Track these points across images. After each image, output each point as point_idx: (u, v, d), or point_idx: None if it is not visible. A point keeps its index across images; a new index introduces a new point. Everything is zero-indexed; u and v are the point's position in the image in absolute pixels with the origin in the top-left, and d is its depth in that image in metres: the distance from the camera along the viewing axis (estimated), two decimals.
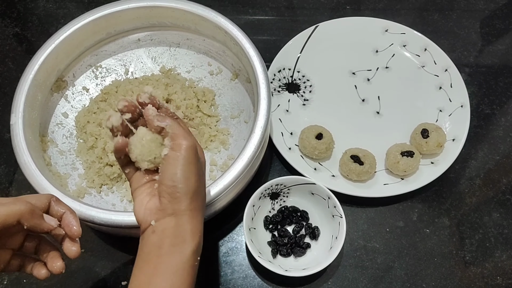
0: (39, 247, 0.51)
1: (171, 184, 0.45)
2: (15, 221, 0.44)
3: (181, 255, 0.46)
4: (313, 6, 0.94)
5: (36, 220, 0.46)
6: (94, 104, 0.75)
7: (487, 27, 0.91)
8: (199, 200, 0.48)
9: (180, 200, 0.46)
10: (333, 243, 0.66)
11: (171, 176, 0.45)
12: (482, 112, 0.82)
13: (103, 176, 0.70)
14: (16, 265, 0.50)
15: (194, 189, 0.46)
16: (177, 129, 0.46)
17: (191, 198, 0.46)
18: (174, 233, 0.46)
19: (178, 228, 0.46)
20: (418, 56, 0.84)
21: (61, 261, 0.50)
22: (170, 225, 0.46)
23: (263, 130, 0.63)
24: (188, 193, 0.46)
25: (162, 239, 0.46)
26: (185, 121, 0.72)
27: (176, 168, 0.45)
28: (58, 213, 0.49)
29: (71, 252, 0.49)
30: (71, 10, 0.93)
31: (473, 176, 0.76)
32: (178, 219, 0.46)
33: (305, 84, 0.83)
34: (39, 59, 0.69)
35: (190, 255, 0.46)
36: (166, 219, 0.46)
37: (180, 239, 0.46)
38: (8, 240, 0.49)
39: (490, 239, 0.71)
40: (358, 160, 0.71)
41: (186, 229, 0.46)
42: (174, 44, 0.81)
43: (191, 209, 0.46)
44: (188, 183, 0.46)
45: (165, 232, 0.46)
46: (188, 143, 0.46)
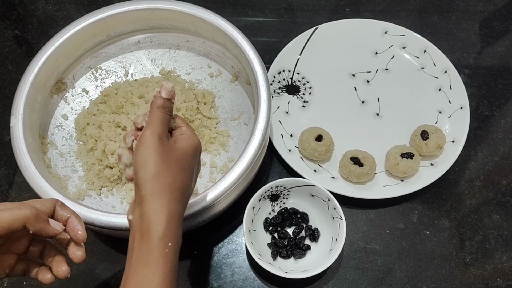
0: (44, 251, 0.51)
1: (134, 171, 0.46)
2: (20, 226, 0.44)
3: (148, 245, 0.44)
4: (313, 8, 0.94)
5: (42, 225, 0.46)
6: (94, 106, 0.75)
7: (486, 28, 0.91)
8: (161, 183, 0.46)
9: (140, 187, 0.45)
10: (333, 245, 0.66)
11: (134, 164, 0.46)
12: (482, 114, 0.82)
13: (103, 178, 0.70)
14: (21, 269, 0.50)
15: (153, 173, 0.45)
16: (150, 119, 0.48)
17: (151, 182, 0.45)
18: (140, 223, 0.45)
19: (142, 217, 0.45)
20: (417, 57, 0.84)
21: (66, 266, 0.50)
22: (137, 215, 0.46)
23: (263, 132, 0.63)
24: (146, 177, 0.45)
25: (133, 232, 0.46)
26: None
27: (136, 156, 0.46)
28: (63, 217, 0.49)
29: (77, 256, 0.49)
30: (70, 12, 0.93)
31: (473, 178, 0.76)
32: (142, 207, 0.45)
33: (304, 86, 0.83)
34: (39, 61, 0.69)
35: (156, 243, 0.44)
36: (136, 210, 0.46)
37: (146, 228, 0.44)
38: (13, 244, 0.48)
39: (490, 240, 0.71)
40: (358, 162, 0.71)
41: (149, 217, 0.45)
42: (174, 46, 0.81)
43: (152, 194, 0.45)
44: (146, 167, 0.45)
45: (135, 224, 0.46)
46: (148, 131, 0.46)
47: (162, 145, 0.46)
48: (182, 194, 0.48)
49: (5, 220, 0.43)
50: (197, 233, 0.70)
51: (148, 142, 0.46)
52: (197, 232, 0.70)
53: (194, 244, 0.70)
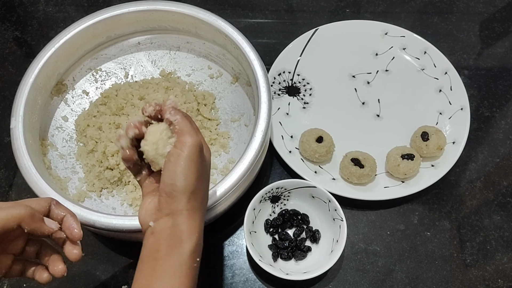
0: (40, 251, 0.51)
1: (170, 182, 0.45)
2: (15, 225, 0.44)
3: (178, 257, 0.45)
4: (313, 9, 0.94)
5: (37, 224, 0.46)
6: (94, 107, 0.75)
7: (487, 30, 0.91)
8: (197, 200, 0.47)
9: (177, 200, 0.45)
10: (334, 246, 0.66)
11: (170, 174, 0.45)
12: (482, 115, 0.82)
13: (103, 179, 0.70)
14: (18, 270, 0.50)
15: (193, 188, 0.45)
16: (184, 126, 0.46)
17: (188, 198, 0.45)
18: (170, 234, 0.45)
19: (174, 228, 0.45)
20: (417, 59, 0.84)
21: (62, 264, 0.50)
22: (167, 225, 0.45)
23: (264, 133, 0.63)
24: (185, 192, 0.45)
25: (159, 240, 0.45)
26: None
27: (176, 166, 0.45)
28: (59, 216, 0.49)
29: (73, 255, 0.49)
30: (70, 13, 0.93)
31: (473, 179, 0.76)
32: (174, 219, 0.45)
33: (305, 87, 0.83)
34: (39, 62, 0.69)
35: (188, 256, 0.45)
36: (163, 219, 0.46)
37: (176, 240, 0.45)
38: (9, 245, 0.48)
39: (491, 241, 0.71)
40: (358, 163, 0.71)
41: (182, 229, 0.45)
42: (174, 47, 0.81)
43: (188, 209, 0.45)
44: (187, 182, 0.45)
45: (162, 233, 0.45)
46: (192, 140, 0.45)
47: (202, 159, 0.46)
48: (206, 208, 0.51)
49: (0, 220, 0.43)
50: None
51: (191, 153, 0.45)
52: None
53: None
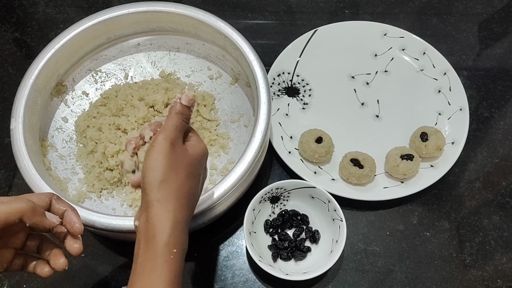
0: (41, 245, 0.51)
1: (142, 177, 0.46)
2: (17, 219, 0.44)
3: (152, 252, 0.44)
4: (312, 11, 0.94)
5: (38, 218, 0.46)
6: (94, 108, 0.75)
7: (485, 30, 0.92)
8: (168, 189, 0.46)
9: (147, 192, 0.46)
10: (333, 246, 0.66)
11: (143, 168, 0.46)
12: (481, 116, 0.82)
13: (103, 180, 0.70)
14: (19, 264, 0.50)
15: (161, 178, 0.45)
16: (166, 123, 0.48)
17: (157, 188, 0.45)
18: (145, 229, 0.45)
19: (148, 222, 0.45)
20: (417, 59, 0.84)
21: (64, 258, 0.50)
22: (143, 221, 0.46)
23: (264, 134, 0.63)
24: (153, 182, 0.45)
25: (139, 238, 0.46)
26: None
27: (146, 159, 0.46)
28: (59, 211, 0.50)
29: (74, 249, 0.49)
30: (70, 15, 0.93)
31: (472, 179, 0.76)
32: (147, 213, 0.45)
33: (304, 88, 0.83)
34: (39, 63, 0.69)
35: (161, 250, 0.44)
36: (142, 216, 0.46)
37: (151, 234, 0.45)
38: (10, 239, 0.49)
39: (490, 242, 0.71)
40: (358, 164, 0.71)
41: (154, 222, 0.45)
42: (174, 48, 0.81)
43: (158, 199, 0.45)
44: (154, 173, 0.45)
45: (140, 231, 0.46)
46: (162, 136, 0.46)
47: (173, 151, 0.47)
48: (188, 201, 0.48)
49: (1, 213, 0.43)
50: (198, 235, 0.70)
51: (160, 147, 0.46)
52: (198, 234, 0.70)
53: (195, 246, 0.70)
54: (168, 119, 0.48)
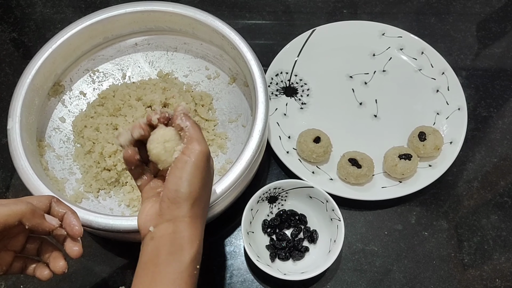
0: (41, 248, 0.51)
1: (174, 188, 0.45)
2: (16, 221, 0.44)
3: (178, 264, 0.45)
4: (310, 10, 0.94)
5: (38, 220, 0.46)
6: (91, 108, 0.75)
7: (483, 30, 0.92)
8: (200, 208, 0.47)
9: (180, 206, 0.45)
10: (331, 246, 0.66)
11: (176, 180, 0.45)
12: (479, 115, 0.82)
13: (101, 180, 0.70)
14: (18, 267, 0.50)
15: (197, 196, 0.46)
16: (194, 133, 0.46)
17: (191, 205, 0.45)
18: (171, 240, 0.45)
19: (175, 235, 0.45)
20: (415, 59, 0.84)
21: (63, 261, 0.50)
22: (167, 231, 0.45)
23: (261, 134, 0.63)
24: (189, 199, 0.45)
25: (159, 246, 0.45)
26: None
27: (182, 173, 0.45)
28: (59, 213, 0.49)
29: (73, 252, 0.49)
30: (68, 15, 0.93)
31: (470, 179, 0.76)
32: (176, 225, 0.45)
33: (302, 87, 0.83)
34: (36, 63, 0.68)
35: (188, 264, 0.45)
36: (164, 225, 0.46)
37: (177, 247, 0.45)
38: (9, 241, 0.48)
39: (489, 241, 0.71)
40: (356, 163, 0.71)
41: (183, 236, 0.45)
42: (172, 48, 0.81)
43: (190, 216, 0.46)
44: (191, 189, 0.45)
45: (162, 239, 0.45)
46: (201, 148, 0.45)
47: (208, 167, 0.47)
48: (207, 216, 0.51)
49: (1, 216, 0.43)
50: None
51: (199, 161, 0.45)
52: None
53: None
54: (194, 128, 0.47)
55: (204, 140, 0.47)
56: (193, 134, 0.46)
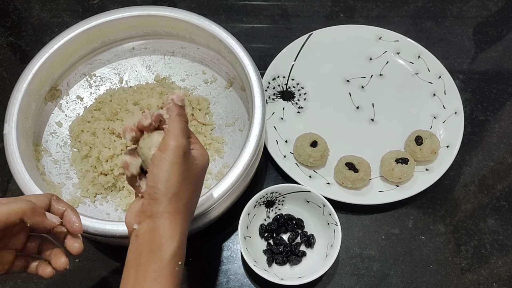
0: (42, 246, 0.51)
1: (152, 184, 0.45)
2: (17, 219, 0.45)
3: (158, 262, 0.44)
4: (307, 14, 0.94)
5: (38, 218, 0.46)
6: (88, 113, 0.75)
7: (480, 34, 0.92)
8: (180, 203, 0.46)
9: (158, 202, 0.44)
10: (328, 251, 0.66)
11: (153, 176, 0.45)
12: (476, 119, 0.82)
13: (98, 185, 0.70)
14: (20, 266, 0.50)
15: (175, 191, 0.45)
16: (172, 127, 0.46)
17: (169, 200, 0.45)
18: (151, 237, 0.45)
19: (154, 231, 0.45)
20: (411, 63, 0.84)
21: (65, 257, 0.50)
22: (148, 228, 0.45)
23: (258, 138, 0.63)
24: (166, 194, 0.44)
25: (141, 244, 0.45)
26: None
27: (159, 169, 0.44)
28: (59, 211, 0.50)
29: (74, 248, 0.50)
30: (65, 19, 0.93)
31: (467, 183, 0.76)
32: (155, 222, 0.45)
33: (299, 91, 0.83)
34: (33, 68, 0.68)
35: (168, 261, 0.44)
36: (145, 222, 0.45)
37: (157, 244, 0.44)
38: (10, 240, 0.49)
39: (486, 245, 0.71)
40: (353, 168, 0.71)
41: (162, 233, 0.44)
42: (169, 52, 0.81)
43: (169, 211, 0.45)
44: (169, 184, 0.44)
45: (144, 237, 0.45)
46: (175, 144, 0.45)
47: (186, 161, 0.46)
48: (192, 213, 0.49)
49: (2, 214, 0.44)
50: (192, 239, 0.69)
51: (173, 156, 0.44)
52: (192, 239, 0.69)
53: (189, 251, 0.69)
54: (173, 122, 0.46)
55: (181, 134, 0.46)
56: (171, 128, 0.46)
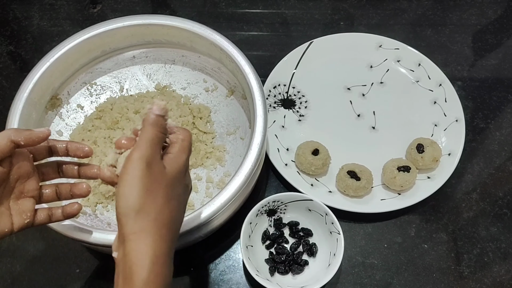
0: (59, 189, 0.52)
1: (116, 204, 0.41)
2: (8, 142, 0.45)
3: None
4: (307, 22, 0.94)
5: (25, 132, 0.46)
6: (89, 122, 0.75)
7: (480, 41, 0.92)
8: (146, 220, 0.41)
9: (122, 224, 0.41)
10: (331, 260, 0.65)
11: (116, 197, 0.41)
12: (477, 126, 0.82)
13: (98, 194, 0.70)
14: (44, 215, 0.51)
15: (137, 208, 0.40)
16: (140, 138, 0.43)
17: (133, 219, 0.40)
18: (123, 265, 0.41)
19: (125, 258, 0.41)
20: (412, 71, 0.85)
21: (85, 183, 0.51)
22: (121, 255, 0.41)
23: (260, 147, 0.62)
24: (128, 213, 0.40)
25: (117, 274, 0.42)
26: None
27: (119, 187, 0.41)
28: (61, 149, 0.50)
29: (93, 173, 0.51)
30: (65, 28, 0.93)
31: (469, 191, 0.76)
32: (124, 247, 0.41)
33: (300, 100, 0.83)
34: (33, 77, 0.68)
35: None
36: (120, 248, 0.42)
37: (128, 271, 0.40)
38: (24, 186, 0.49)
39: (488, 253, 0.71)
40: (354, 176, 0.71)
41: (131, 259, 0.40)
42: (169, 61, 0.81)
43: (134, 232, 0.40)
44: (129, 201, 0.40)
45: (119, 265, 0.42)
46: (137, 154, 0.41)
47: (149, 173, 0.41)
48: (169, 229, 0.43)
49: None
50: (194, 249, 0.69)
51: (134, 169, 0.41)
52: (194, 248, 0.69)
53: (191, 260, 0.70)
54: (142, 133, 0.43)
55: (147, 144, 0.42)
56: (138, 139, 0.43)
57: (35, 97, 0.69)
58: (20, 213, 0.48)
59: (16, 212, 0.48)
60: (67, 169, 0.52)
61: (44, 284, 0.68)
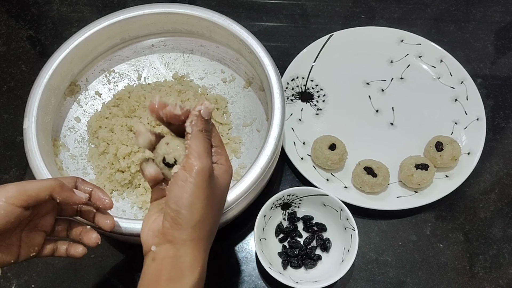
0: (70, 228, 0.52)
1: (175, 208, 0.42)
2: (47, 195, 0.46)
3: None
4: (328, 15, 0.93)
5: (67, 193, 0.47)
6: (106, 109, 0.75)
7: (503, 39, 0.90)
8: (204, 230, 0.44)
9: (181, 228, 0.42)
10: (345, 256, 0.65)
11: (176, 199, 0.42)
12: (498, 126, 0.81)
13: (114, 182, 0.70)
14: (50, 249, 0.51)
15: (199, 218, 0.43)
16: (195, 145, 0.42)
17: (193, 228, 0.42)
18: (171, 265, 0.43)
19: (176, 259, 0.43)
20: (433, 67, 0.83)
21: (96, 233, 0.51)
22: (168, 254, 0.43)
23: (277, 140, 0.62)
24: (190, 221, 0.42)
25: (160, 270, 0.43)
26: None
27: (183, 192, 0.42)
28: (86, 191, 0.51)
29: (106, 224, 0.51)
30: (85, 14, 0.93)
31: (487, 191, 0.75)
32: (177, 249, 0.43)
33: (318, 93, 0.82)
34: (53, 63, 0.68)
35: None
36: (165, 246, 0.43)
37: (177, 273, 0.42)
38: (40, 221, 0.50)
39: (504, 255, 0.70)
40: (371, 172, 0.70)
41: (184, 262, 0.43)
42: (188, 50, 0.80)
43: (192, 239, 0.43)
44: (193, 210, 0.42)
45: (163, 263, 0.43)
46: (200, 165, 0.42)
47: (211, 185, 0.43)
48: (213, 237, 0.48)
49: (33, 189, 0.45)
50: None
51: (199, 180, 0.42)
52: None
53: None
54: (196, 140, 0.42)
55: (205, 154, 0.43)
56: (194, 145, 0.42)
57: (54, 83, 0.69)
58: (29, 246, 0.49)
59: (25, 244, 0.49)
60: (86, 211, 0.53)
61: (60, 269, 0.69)
